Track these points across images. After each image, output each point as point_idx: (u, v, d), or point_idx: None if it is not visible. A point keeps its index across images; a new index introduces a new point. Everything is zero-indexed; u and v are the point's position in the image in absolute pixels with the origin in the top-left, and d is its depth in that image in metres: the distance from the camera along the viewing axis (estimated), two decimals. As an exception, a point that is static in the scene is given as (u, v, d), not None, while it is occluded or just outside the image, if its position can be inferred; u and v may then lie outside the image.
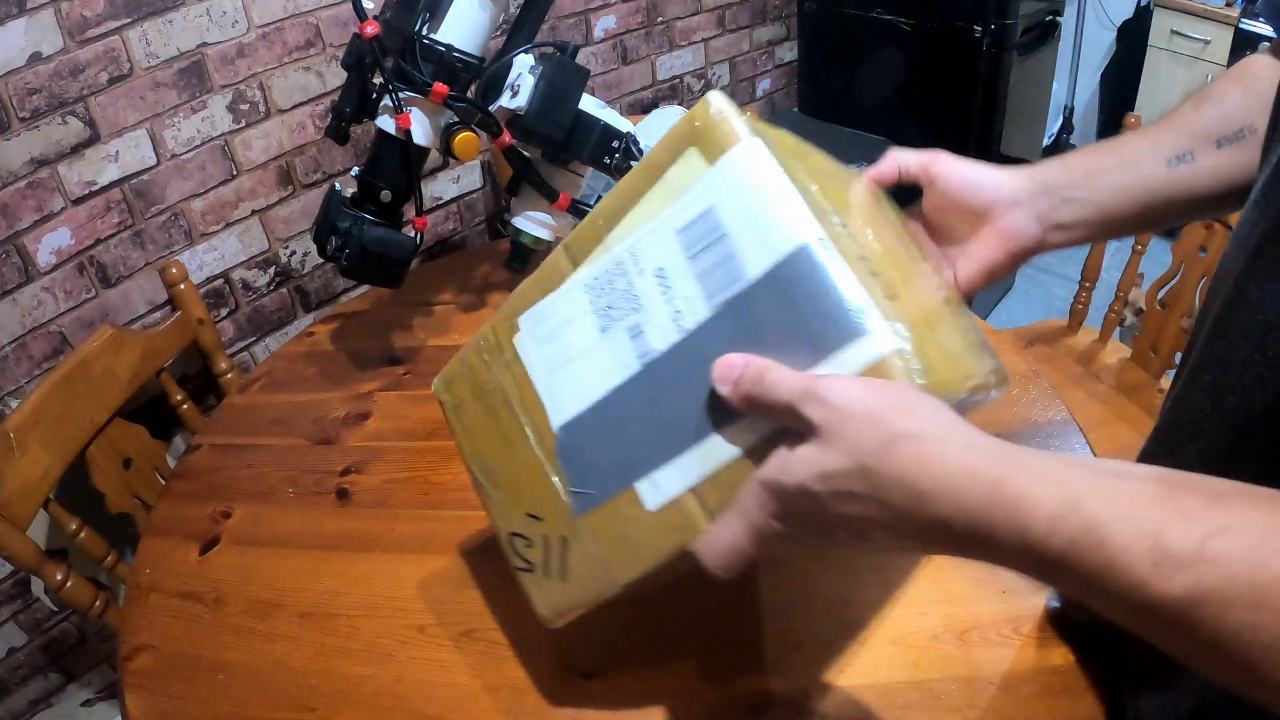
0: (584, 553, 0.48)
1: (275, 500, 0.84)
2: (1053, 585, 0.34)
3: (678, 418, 0.43)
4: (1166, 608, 0.27)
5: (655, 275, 0.43)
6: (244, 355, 1.39)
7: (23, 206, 1.07)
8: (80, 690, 1.30)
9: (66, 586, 0.89)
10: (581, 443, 0.48)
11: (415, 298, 1.15)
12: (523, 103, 0.89)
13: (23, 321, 1.11)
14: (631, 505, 0.45)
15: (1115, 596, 0.29)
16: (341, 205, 0.89)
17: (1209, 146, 0.51)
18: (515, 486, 0.52)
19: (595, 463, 0.47)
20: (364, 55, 0.84)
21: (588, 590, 0.49)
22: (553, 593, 0.51)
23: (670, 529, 0.44)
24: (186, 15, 1.16)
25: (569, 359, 0.48)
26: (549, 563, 0.50)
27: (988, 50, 1.89)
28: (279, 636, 0.69)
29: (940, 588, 0.67)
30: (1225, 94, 0.52)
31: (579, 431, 0.48)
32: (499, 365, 0.52)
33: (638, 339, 0.44)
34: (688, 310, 0.42)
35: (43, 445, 0.92)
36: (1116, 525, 0.29)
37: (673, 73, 1.94)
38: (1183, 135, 0.52)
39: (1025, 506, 0.30)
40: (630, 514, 0.45)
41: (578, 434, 0.48)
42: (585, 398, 0.47)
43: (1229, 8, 2.18)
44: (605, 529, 0.47)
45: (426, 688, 0.64)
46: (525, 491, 0.51)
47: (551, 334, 0.49)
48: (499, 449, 0.53)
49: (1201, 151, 0.51)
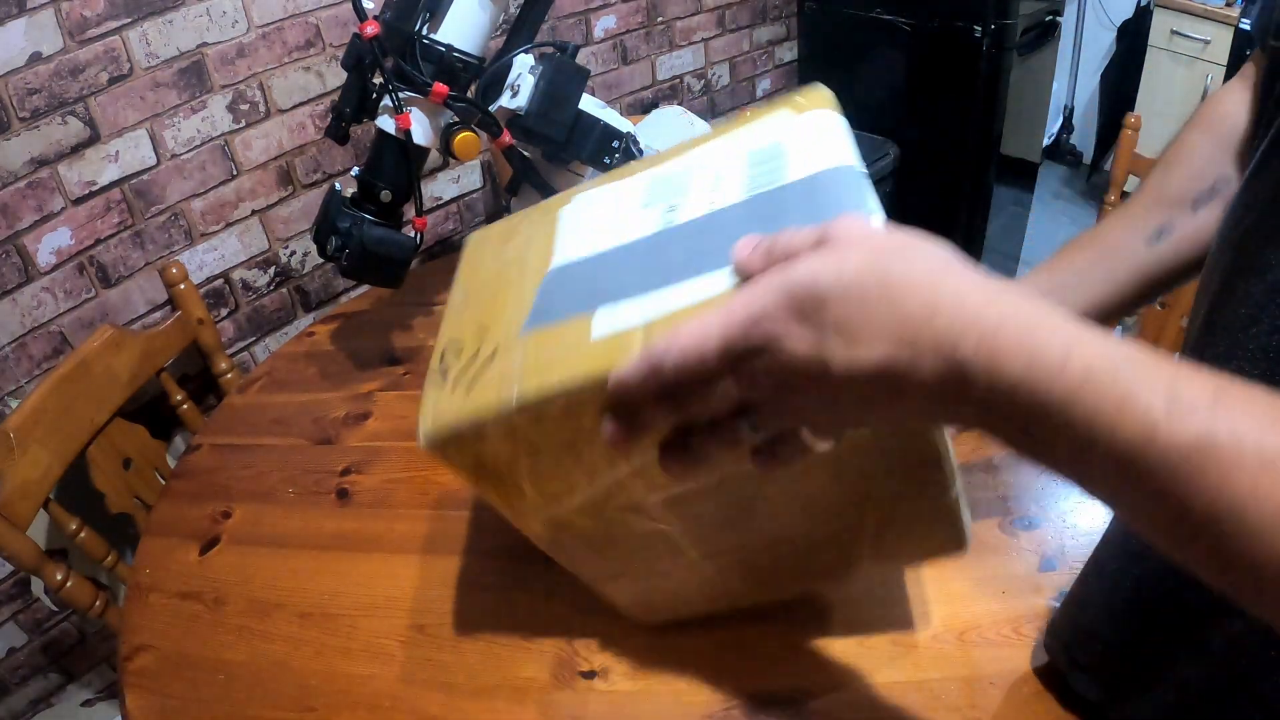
0: (504, 368, 0.44)
1: (275, 500, 0.84)
2: (1043, 441, 0.29)
3: (663, 265, 0.43)
4: (1173, 455, 0.26)
5: (712, 176, 0.47)
6: (244, 355, 1.39)
7: (23, 206, 1.07)
8: (80, 690, 1.30)
9: (66, 586, 0.89)
10: (566, 279, 0.48)
11: (415, 298, 1.15)
12: (523, 103, 0.89)
13: (23, 321, 1.11)
14: (578, 331, 0.43)
15: (1121, 443, 0.26)
16: (341, 205, 0.89)
17: (1185, 212, 0.52)
18: (482, 300, 0.51)
19: (568, 293, 0.46)
20: (364, 55, 0.84)
21: (480, 405, 0.43)
22: (446, 405, 0.45)
23: (598, 356, 0.40)
24: (186, 15, 1.16)
25: (598, 223, 0.50)
26: (464, 373, 0.46)
27: (988, 50, 1.89)
28: (279, 636, 0.69)
29: (940, 588, 0.67)
30: (1195, 149, 0.53)
31: (570, 271, 0.48)
32: (535, 221, 0.54)
33: (669, 214, 0.47)
34: (722, 198, 0.45)
35: (43, 445, 0.92)
36: (1133, 367, 0.27)
37: (673, 73, 1.94)
38: (1157, 207, 0.53)
39: (1041, 333, 0.28)
40: (572, 339, 0.43)
41: (568, 273, 0.48)
42: (590, 248, 0.49)
43: (1229, 8, 2.18)
44: (539, 348, 0.44)
45: (426, 688, 0.64)
46: (489, 305, 0.50)
47: (596, 204, 0.52)
48: (490, 279, 0.53)
49: (1179, 219, 0.52)
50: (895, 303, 0.30)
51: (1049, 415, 0.28)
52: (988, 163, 2.05)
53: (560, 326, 0.44)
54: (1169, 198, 0.53)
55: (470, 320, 0.50)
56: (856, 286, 0.30)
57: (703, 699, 0.61)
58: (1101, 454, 0.27)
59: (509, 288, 0.50)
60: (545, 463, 0.46)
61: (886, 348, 0.30)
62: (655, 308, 0.41)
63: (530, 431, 0.43)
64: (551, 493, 0.48)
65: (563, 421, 0.43)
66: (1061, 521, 0.71)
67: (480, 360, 0.46)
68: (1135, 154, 1.27)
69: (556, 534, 0.52)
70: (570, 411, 0.42)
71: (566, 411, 0.42)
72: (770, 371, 0.32)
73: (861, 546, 0.54)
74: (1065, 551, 0.69)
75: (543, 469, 0.46)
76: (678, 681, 0.62)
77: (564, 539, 0.53)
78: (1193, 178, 0.52)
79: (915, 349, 0.29)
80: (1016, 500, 0.74)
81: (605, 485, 0.47)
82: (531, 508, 0.49)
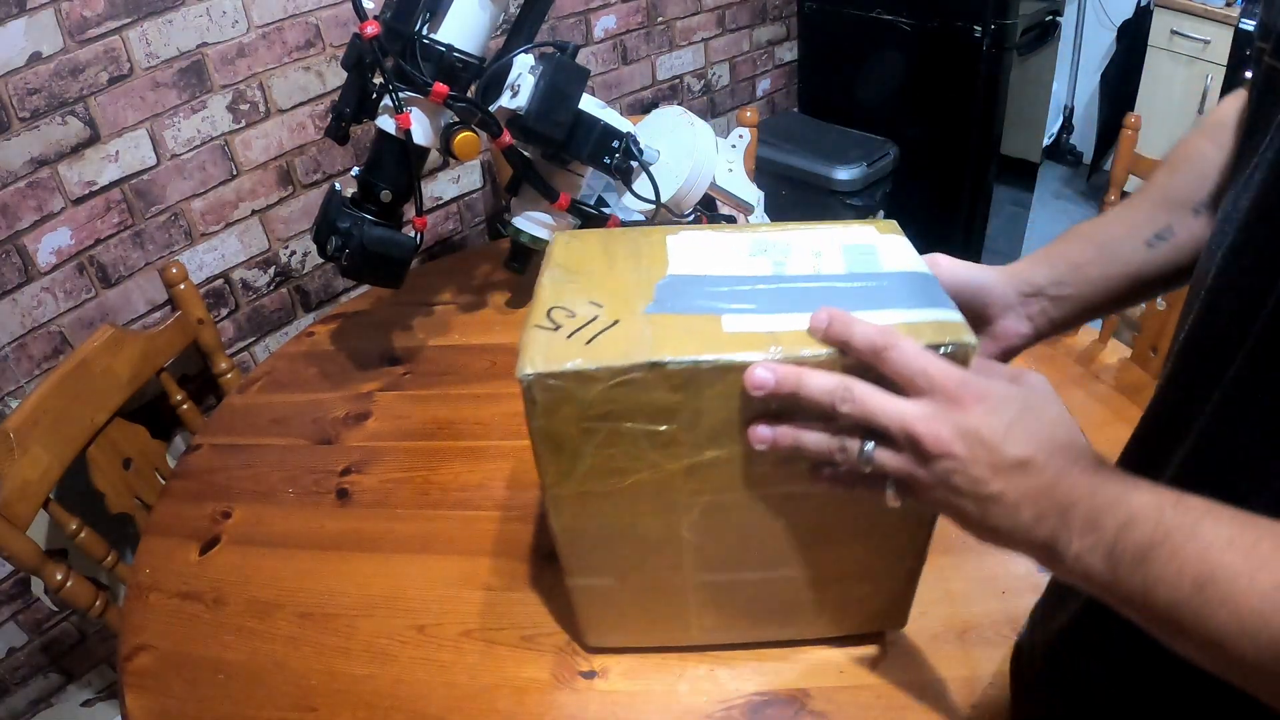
0: (630, 333, 0.47)
1: (275, 500, 0.84)
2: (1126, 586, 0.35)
3: (782, 298, 0.49)
4: (1267, 603, 0.30)
5: (811, 252, 0.53)
6: (244, 355, 1.39)
7: (23, 206, 1.07)
8: (80, 690, 1.30)
9: (66, 586, 0.89)
10: (685, 285, 0.51)
11: (415, 298, 1.15)
12: (523, 103, 0.89)
13: (23, 321, 1.11)
14: (709, 324, 0.47)
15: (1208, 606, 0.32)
16: (341, 205, 0.89)
17: (1186, 215, 0.52)
18: (593, 282, 0.53)
19: (689, 294, 0.50)
20: (364, 55, 0.84)
21: (605, 357, 0.46)
22: (560, 350, 0.47)
23: (734, 345, 0.46)
24: (186, 15, 1.16)
25: (709, 254, 0.54)
26: (580, 331, 0.48)
27: (988, 50, 1.89)
28: (279, 636, 0.69)
29: (940, 588, 0.67)
30: (1200, 155, 0.53)
31: (688, 280, 0.52)
32: (638, 239, 0.57)
33: (778, 266, 0.52)
34: (826, 268, 0.52)
35: (43, 445, 0.92)
36: (1212, 528, 0.33)
37: (673, 73, 1.94)
38: (1159, 209, 0.53)
39: (1133, 506, 0.35)
40: (702, 327, 0.47)
41: (686, 281, 0.52)
42: (705, 269, 0.52)
43: (1229, 8, 2.18)
44: (670, 324, 0.48)
45: (426, 688, 0.64)
46: (604, 286, 0.52)
47: (703, 242, 0.56)
48: (599, 269, 0.54)
49: (1179, 222, 0.52)
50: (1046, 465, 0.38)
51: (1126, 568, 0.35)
52: (988, 163, 2.05)
53: (688, 317, 0.48)
54: (1171, 200, 0.53)
55: (580, 293, 0.52)
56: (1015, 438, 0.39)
57: (703, 699, 0.61)
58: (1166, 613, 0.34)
59: (625, 277, 0.53)
60: (627, 436, 0.49)
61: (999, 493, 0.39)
62: (780, 324, 0.47)
63: (638, 394, 0.47)
64: (610, 468, 0.50)
65: (673, 392, 0.46)
66: (1061, 521, 0.71)
67: (601, 324, 0.48)
68: (1135, 154, 1.27)
69: (581, 511, 0.54)
70: (691, 384, 0.46)
71: (688, 383, 0.46)
72: (949, 475, 0.40)
73: (826, 601, 0.60)
74: (1065, 551, 0.69)
75: (621, 440, 0.49)
76: (678, 681, 0.62)
77: (585, 519, 0.54)
78: (1196, 182, 0.52)
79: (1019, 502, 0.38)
80: (1016, 500, 0.74)
81: (664, 474, 0.50)
82: (580, 479, 0.51)
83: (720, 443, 0.49)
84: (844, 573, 0.57)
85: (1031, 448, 0.38)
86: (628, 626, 0.63)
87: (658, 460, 0.50)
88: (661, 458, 0.50)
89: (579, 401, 0.47)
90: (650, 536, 0.55)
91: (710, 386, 0.46)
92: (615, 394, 0.46)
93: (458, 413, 0.93)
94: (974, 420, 0.39)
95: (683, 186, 1.00)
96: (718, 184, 1.06)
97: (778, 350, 0.45)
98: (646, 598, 0.60)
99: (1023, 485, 0.38)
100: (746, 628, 0.62)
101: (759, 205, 1.10)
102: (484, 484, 0.83)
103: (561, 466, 0.51)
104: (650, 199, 0.98)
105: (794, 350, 0.45)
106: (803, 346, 0.45)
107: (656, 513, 0.53)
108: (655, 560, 0.56)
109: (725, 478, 0.51)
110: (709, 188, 1.04)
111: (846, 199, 1.94)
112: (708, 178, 1.02)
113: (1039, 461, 0.38)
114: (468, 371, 1.00)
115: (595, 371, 0.46)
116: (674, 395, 0.46)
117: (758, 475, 0.51)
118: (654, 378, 0.46)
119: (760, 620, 0.62)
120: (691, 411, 0.47)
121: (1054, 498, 0.37)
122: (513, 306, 1.14)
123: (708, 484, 0.51)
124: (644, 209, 1.02)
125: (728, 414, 0.47)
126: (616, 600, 0.61)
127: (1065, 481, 0.38)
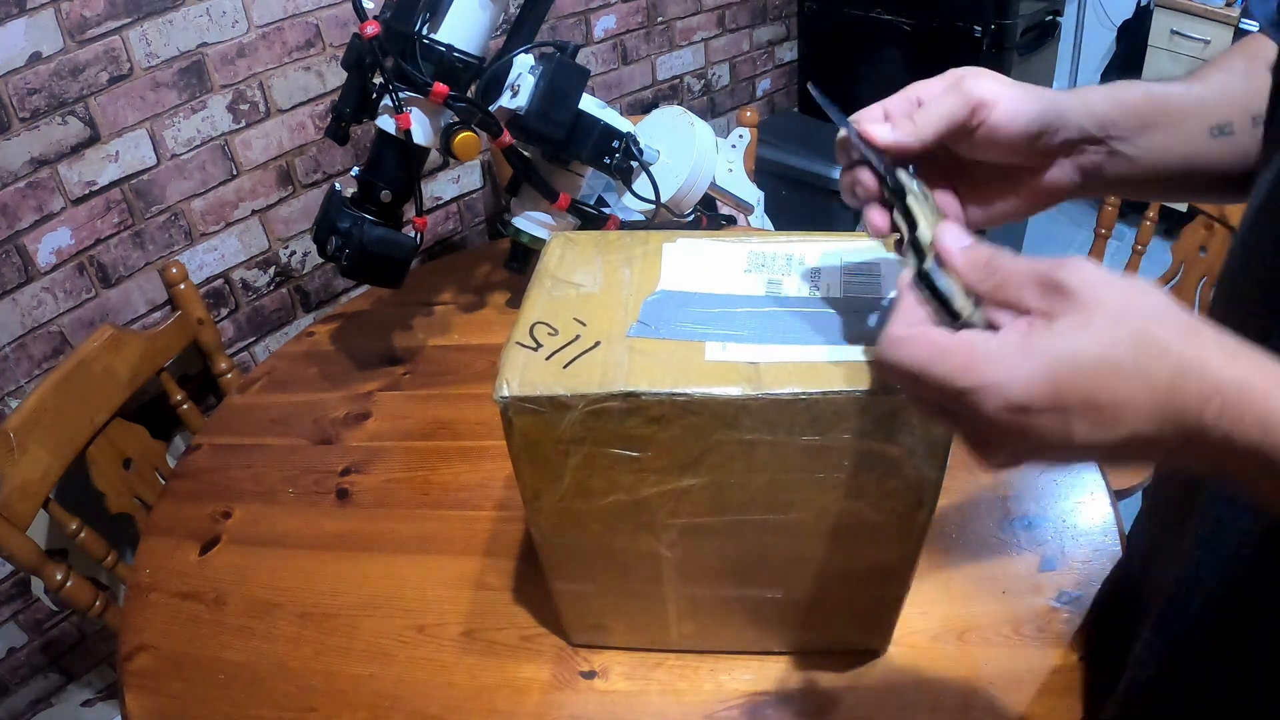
0: (608, 358, 0.47)
1: (275, 500, 0.84)
2: (1263, 492, 0.31)
3: (770, 324, 0.48)
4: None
5: (810, 269, 0.53)
6: (244, 355, 1.39)
7: (23, 206, 1.07)
8: (80, 690, 1.30)
9: (66, 586, 0.89)
10: (673, 303, 0.51)
11: (415, 298, 1.15)
12: (523, 103, 0.89)
13: (23, 321, 1.11)
14: (691, 349, 0.47)
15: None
16: (341, 205, 0.89)
17: (1247, 122, 0.48)
18: (580, 295, 0.53)
19: (676, 315, 0.50)
20: (364, 55, 0.84)
21: (580, 382, 0.46)
22: (538, 372, 0.47)
23: (711, 377, 0.45)
24: (186, 15, 1.16)
25: (703, 268, 0.53)
26: (560, 352, 0.48)
27: (988, 50, 1.89)
28: (279, 636, 0.69)
29: (940, 588, 0.67)
30: (1247, 71, 0.49)
31: (677, 297, 0.51)
32: (634, 244, 0.56)
33: (773, 285, 0.52)
34: (823, 290, 0.51)
35: (43, 445, 0.92)
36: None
37: (673, 73, 1.94)
38: (1225, 104, 0.49)
39: (1277, 398, 0.30)
40: (684, 354, 0.47)
41: (675, 298, 0.51)
42: (697, 285, 0.52)
43: (1229, 8, 2.18)
44: (651, 350, 0.47)
45: (426, 688, 0.64)
46: (590, 302, 0.52)
47: (699, 253, 0.55)
48: (588, 280, 0.54)
49: (1240, 125, 0.48)
50: (1145, 373, 0.31)
51: (1276, 473, 0.30)
52: (988, 163, 2.05)
53: (671, 343, 0.48)
54: (1236, 101, 0.49)
55: (565, 309, 0.52)
56: (1111, 362, 0.31)
57: (703, 699, 0.61)
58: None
59: (612, 292, 0.52)
60: (602, 459, 0.48)
61: (1134, 424, 0.31)
62: (762, 355, 0.46)
63: (612, 422, 0.46)
64: (587, 488, 0.50)
65: (647, 424, 0.46)
66: (1061, 521, 0.71)
67: (581, 345, 0.48)
68: (1135, 154, 1.27)
69: (561, 526, 0.54)
70: (665, 415, 0.46)
71: (662, 415, 0.46)
72: (1011, 438, 0.33)
73: (808, 621, 0.60)
74: (1065, 551, 0.69)
75: (597, 463, 0.49)
76: (678, 681, 0.62)
77: (565, 532, 0.54)
78: (1256, 93, 0.47)
79: (1159, 422, 0.31)
80: (1016, 500, 0.74)
81: (640, 497, 0.50)
82: (558, 496, 0.51)
83: (696, 472, 0.48)
84: (824, 596, 0.57)
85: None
86: (610, 628, 0.63)
87: (633, 484, 0.50)
88: (636, 481, 0.50)
89: (554, 425, 0.47)
90: (629, 551, 0.55)
91: (682, 419, 0.46)
92: (590, 420, 0.46)
93: (458, 413, 0.93)
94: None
95: (683, 186, 1.00)
96: (718, 184, 1.06)
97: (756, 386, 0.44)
98: (628, 604, 0.61)
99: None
100: (728, 638, 0.63)
101: (759, 205, 1.10)
102: (484, 484, 0.83)
103: (540, 483, 0.51)
104: (650, 199, 0.98)
105: (772, 387, 0.44)
106: (781, 384, 0.44)
107: (634, 531, 0.53)
108: (635, 573, 0.57)
109: (701, 504, 0.51)
110: (709, 188, 1.04)
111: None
112: (708, 178, 1.02)
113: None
114: (468, 371, 1.00)
115: (569, 399, 0.46)
116: (647, 426, 0.46)
117: (735, 503, 0.50)
118: (628, 407, 0.46)
119: (741, 632, 0.62)
120: (665, 440, 0.47)
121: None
122: (513, 306, 1.14)
123: (683, 508, 0.51)
124: (644, 209, 1.02)
125: (702, 444, 0.47)
126: (598, 605, 0.61)
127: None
